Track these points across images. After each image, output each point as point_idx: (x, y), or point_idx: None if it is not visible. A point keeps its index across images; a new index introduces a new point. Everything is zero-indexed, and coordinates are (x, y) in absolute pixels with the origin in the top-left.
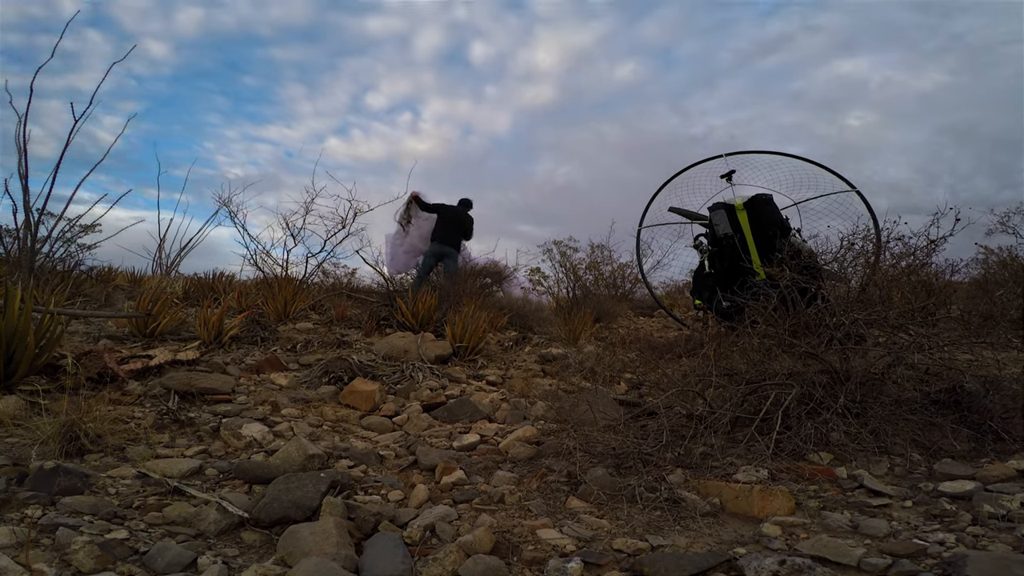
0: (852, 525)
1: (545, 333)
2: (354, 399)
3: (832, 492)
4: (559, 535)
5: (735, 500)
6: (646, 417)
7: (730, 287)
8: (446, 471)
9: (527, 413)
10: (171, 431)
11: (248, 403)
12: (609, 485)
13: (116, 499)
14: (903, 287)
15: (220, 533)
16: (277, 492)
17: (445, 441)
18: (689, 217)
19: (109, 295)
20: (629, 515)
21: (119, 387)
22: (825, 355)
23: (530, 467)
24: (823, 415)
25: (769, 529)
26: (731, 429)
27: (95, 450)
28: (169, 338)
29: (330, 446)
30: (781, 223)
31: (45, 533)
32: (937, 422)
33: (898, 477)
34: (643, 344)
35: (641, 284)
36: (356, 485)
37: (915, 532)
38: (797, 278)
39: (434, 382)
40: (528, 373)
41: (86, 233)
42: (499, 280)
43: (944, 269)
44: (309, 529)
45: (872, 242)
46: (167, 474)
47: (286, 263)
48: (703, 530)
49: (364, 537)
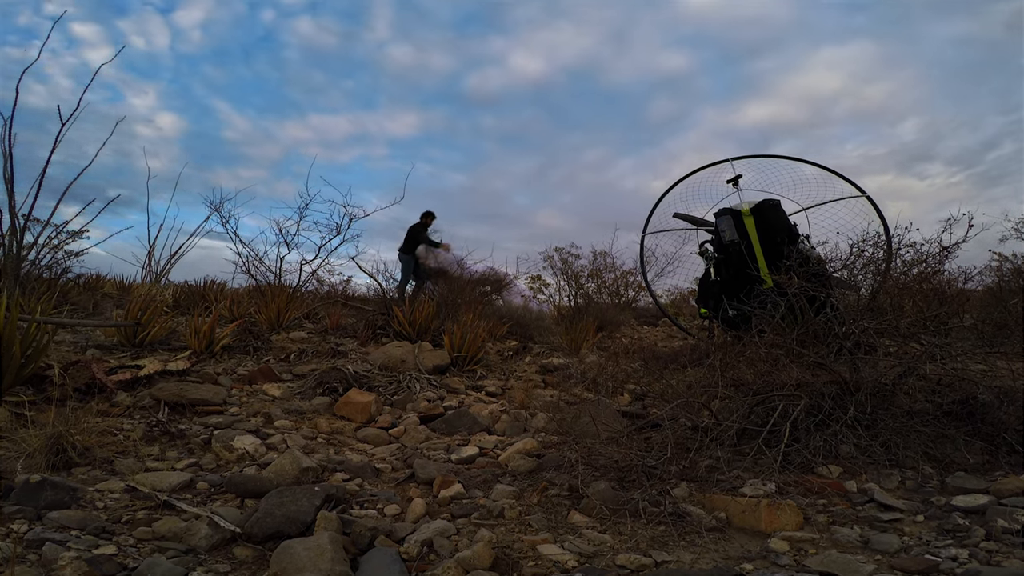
0: (862, 540)
1: (546, 342)
2: (349, 411)
3: (842, 506)
4: (560, 551)
5: (742, 515)
6: (650, 429)
7: (736, 295)
8: (444, 485)
9: (527, 425)
10: (161, 443)
11: (240, 415)
12: (612, 499)
13: (104, 513)
14: (915, 295)
15: (211, 549)
16: (270, 506)
17: (443, 454)
18: (694, 223)
19: (97, 303)
20: (632, 530)
21: (107, 398)
22: (834, 365)
23: (530, 480)
24: (832, 427)
25: (777, 544)
26: (737, 441)
27: (83, 463)
28: (159, 348)
29: (325, 459)
30: (789, 229)
31: (31, 548)
32: (950, 434)
33: (909, 491)
34: (647, 354)
35: (645, 292)
36: (351, 499)
37: (927, 548)
38: (805, 286)
39: (432, 393)
40: (528, 384)
41: (73, 240)
42: (499, 288)
43: (957, 277)
44: (303, 545)
45: (883, 249)
46: (157, 488)
47: (279, 270)
48: (709, 546)
49: (360, 553)
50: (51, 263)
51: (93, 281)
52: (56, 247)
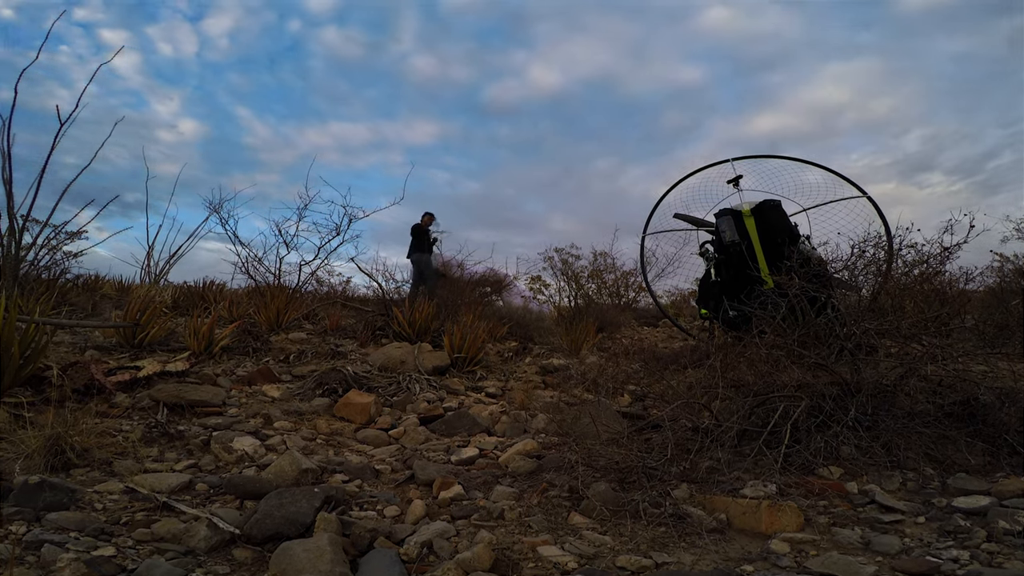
0: (863, 542)
1: (546, 343)
2: (349, 412)
3: (842, 508)
4: (560, 552)
5: (742, 516)
6: (650, 430)
7: (737, 296)
8: (444, 486)
9: (527, 426)
10: (160, 445)
11: (239, 416)
12: (612, 500)
13: (103, 515)
14: (916, 296)
15: (211, 550)
16: (269, 508)
17: (443, 455)
18: (695, 223)
19: (96, 304)
20: (633, 531)
21: (106, 399)
22: (835, 366)
23: (531, 482)
24: (833, 428)
25: (777, 546)
26: (738, 442)
27: (81, 464)
28: (158, 349)
29: (324, 460)
30: (790, 230)
31: (30, 550)
32: (951, 435)
33: (911, 492)
34: (647, 355)
35: (645, 293)
36: (351, 500)
37: (928, 549)
38: (806, 286)
39: (431, 394)
40: (529, 385)
41: (72, 240)
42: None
43: (958, 277)
44: (302, 546)
45: (884, 249)
46: (156, 489)
47: (278, 271)
48: (709, 547)
49: (359, 554)
50: (50, 264)
51: (92, 282)
52: (55, 248)
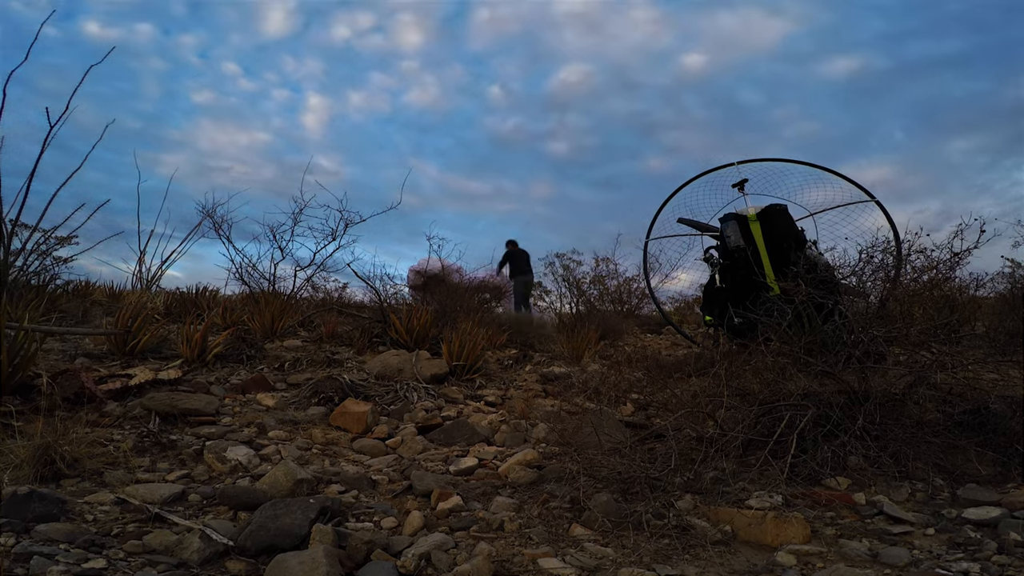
0: (871, 554)
1: (547, 351)
2: (345, 421)
3: (850, 519)
4: (561, 564)
5: (747, 527)
6: (653, 440)
7: (742, 302)
8: (442, 497)
9: (528, 436)
10: (152, 454)
11: (233, 425)
12: (614, 511)
13: (94, 526)
14: (925, 302)
15: (204, 562)
16: (264, 519)
17: (441, 465)
18: (699, 228)
19: (87, 311)
20: (636, 543)
21: (97, 408)
22: (842, 374)
23: (531, 492)
24: (840, 438)
25: (783, 558)
26: (743, 452)
27: (71, 475)
28: (150, 356)
29: (320, 470)
30: (796, 235)
31: (18, 562)
32: (961, 445)
33: (920, 503)
34: (650, 363)
35: (648, 299)
36: (347, 511)
37: (938, 561)
38: (813, 293)
39: (429, 403)
40: (529, 393)
41: (62, 245)
42: (499, 295)
43: (969, 283)
44: (297, 558)
45: (892, 255)
46: (147, 500)
47: (273, 277)
48: (714, 559)
49: (356, 567)
50: (39, 269)
51: (82, 288)
52: (44, 253)
